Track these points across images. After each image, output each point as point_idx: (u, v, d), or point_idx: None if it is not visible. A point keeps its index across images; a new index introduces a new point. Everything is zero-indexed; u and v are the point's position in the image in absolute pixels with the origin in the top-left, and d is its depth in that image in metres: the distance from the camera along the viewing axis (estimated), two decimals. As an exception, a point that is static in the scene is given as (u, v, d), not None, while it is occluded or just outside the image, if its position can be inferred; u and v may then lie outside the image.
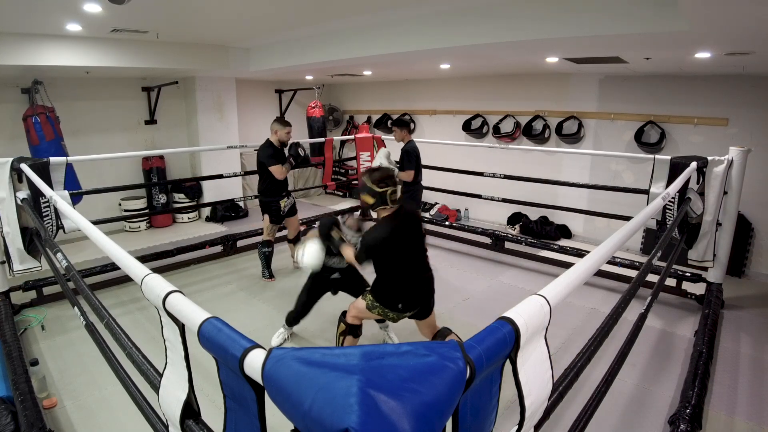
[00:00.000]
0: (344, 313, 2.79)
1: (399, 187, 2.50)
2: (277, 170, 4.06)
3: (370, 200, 2.48)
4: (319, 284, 3.11)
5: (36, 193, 3.19)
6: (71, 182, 4.64)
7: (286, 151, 4.24)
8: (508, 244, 5.12)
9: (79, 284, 1.87)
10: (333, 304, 3.31)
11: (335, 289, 3.15)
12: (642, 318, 2.12)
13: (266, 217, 4.28)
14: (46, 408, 2.50)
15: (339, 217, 2.93)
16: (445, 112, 6.86)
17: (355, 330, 2.78)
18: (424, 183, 4.69)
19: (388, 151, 4.99)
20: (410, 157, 4.44)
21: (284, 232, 4.78)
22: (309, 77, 7.04)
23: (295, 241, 4.56)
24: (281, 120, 4.16)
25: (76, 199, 4.35)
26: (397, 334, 3.31)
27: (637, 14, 2.59)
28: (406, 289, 2.57)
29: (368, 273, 2.79)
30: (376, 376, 0.69)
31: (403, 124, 4.58)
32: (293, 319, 3.23)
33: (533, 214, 5.96)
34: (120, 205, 6.06)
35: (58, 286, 3.67)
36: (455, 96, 6.69)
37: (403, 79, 7.26)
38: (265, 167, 4.07)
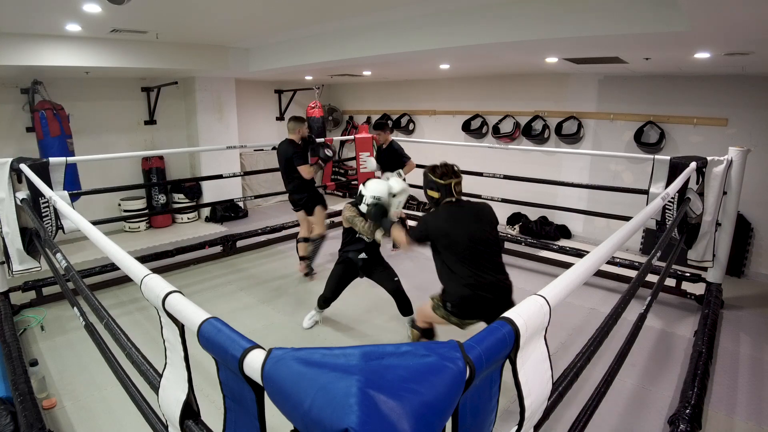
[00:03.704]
0: (413, 320, 2.76)
1: (460, 180, 2.48)
2: (306, 170, 4.10)
3: (436, 194, 2.46)
4: (348, 269, 3.28)
5: (35, 193, 3.19)
6: (71, 182, 4.65)
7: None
8: (507, 245, 5.12)
9: (78, 285, 1.87)
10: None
11: (363, 272, 3.28)
12: (642, 318, 2.12)
13: (319, 208, 4.30)
14: (46, 408, 2.50)
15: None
16: (444, 113, 6.86)
17: (429, 334, 2.68)
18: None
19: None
20: (403, 151, 4.74)
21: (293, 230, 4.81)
22: (308, 77, 7.04)
23: (307, 239, 4.59)
24: (298, 118, 4.27)
25: (72, 198, 4.36)
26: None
27: (637, 14, 2.59)
28: (458, 290, 2.33)
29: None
30: (376, 377, 0.69)
31: (385, 126, 4.76)
32: (323, 302, 3.39)
33: (533, 214, 5.96)
34: (119, 205, 6.05)
35: (57, 286, 3.67)
36: (455, 96, 6.69)
37: (403, 80, 7.26)
38: (297, 165, 4.10)
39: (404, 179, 4.46)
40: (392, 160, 4.74)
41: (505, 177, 4.98)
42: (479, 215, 2.43)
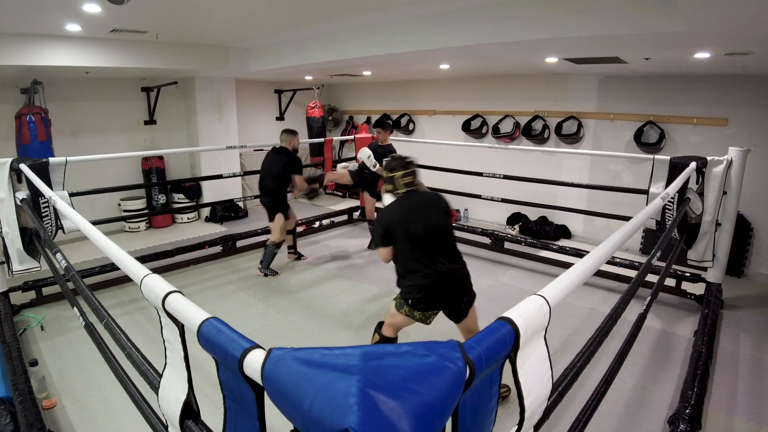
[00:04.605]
0: (380, 324, 2.68)
1: (411, 172, 2.51)
2: (300, 181, 4.40)
3: (389, 186, 2.53)
4: None
5: (35, 193, 3.19)
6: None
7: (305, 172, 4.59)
8: (507, 245, 5.12)
9: (78, 285, 1.87)
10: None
11: None
12: (641, 318, 2.12)
13: (280, 216, 4.39)
14: (46, 408, 2.50)
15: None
16: (444, 113, 6.86)
17: (388, 342, 2.62)
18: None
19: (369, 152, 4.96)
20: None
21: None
22: (308, 77, 7.04)
23: (293, 232, 4.89)
24: (291, 131, 4.49)
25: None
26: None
27: (637, 14, 2.59)
28: (418, 281, 2.34)
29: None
30: (376, 377, 0.69)
31: (387, 125, 4.84)
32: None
33: (533, 214, 5.96)
34: (119, 205, 6.05)
35: (57, 286, 3.67)
36: (455, 96, 6.69)
37: (403, 80, 7.26)
38: (290, 171, 4.34)
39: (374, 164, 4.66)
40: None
41: (505, 177, 4.98)
42: (431, 204, 2.46)
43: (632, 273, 4.07)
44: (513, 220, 6.17)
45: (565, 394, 1.43)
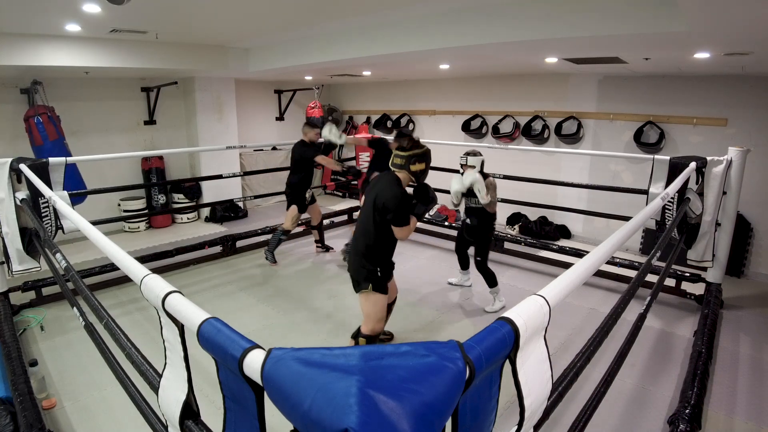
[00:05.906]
0: None
1: (400, 154, 2.62)
2: (323, 159, 4.56)
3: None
4: (460, 232, 3.96)
5: (35, 193, 3.18)
6: (75, 182, 4.67)
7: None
8: (507, 245, 5.12)
9: (78, 285, 1.87)
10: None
11: (467, 234, 3.82)
12: (641, 318, 2.12)
13: (293, 207, 4.67)
14: (46, 408, 2.50)
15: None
16: (444, 113, 6.86)
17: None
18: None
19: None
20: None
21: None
22: (308, 77, 7.04)
23: (319, 227, 5.13)
24: (308, 122, 4.69)
25: (79, 199, 4.38)
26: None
27: (637, 14, 2.59)
28: None
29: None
30: (376, 377, 0.69)
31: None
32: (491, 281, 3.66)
33: (532, 214, 5.96)
34: (119, 205, 6.05)
35: (57, 286, 3.67)
36: (455, 96, 6.69)
37: (403, 80, 7.26)
38: (307, 161, 4.55)
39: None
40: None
41: (505, 177, 4.97)
42: (378, 186, 2.65)
43: (632, 273, 4.07)
44: (513, 220, 6.16)
45: (565, 394, 1.43)
